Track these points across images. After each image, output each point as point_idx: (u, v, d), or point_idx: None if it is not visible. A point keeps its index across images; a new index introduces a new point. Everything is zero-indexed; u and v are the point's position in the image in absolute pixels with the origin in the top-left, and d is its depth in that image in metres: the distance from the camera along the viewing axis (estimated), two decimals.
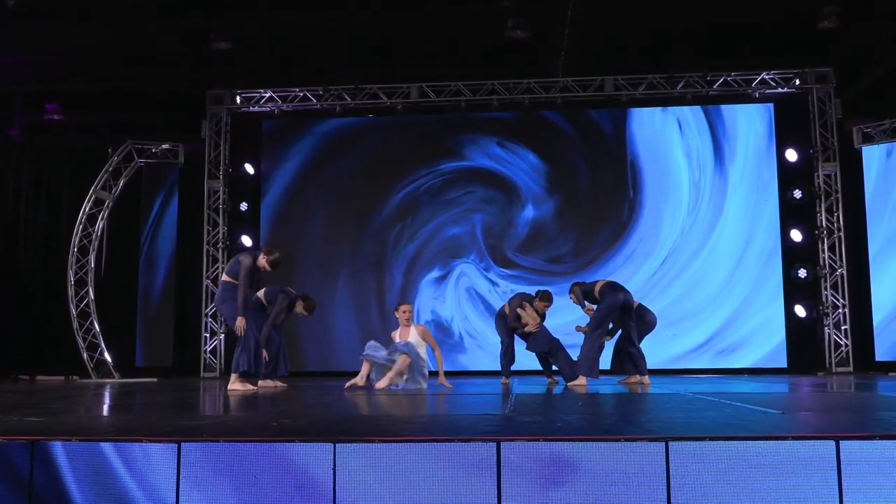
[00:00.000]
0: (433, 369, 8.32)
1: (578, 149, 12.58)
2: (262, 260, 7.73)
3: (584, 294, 8.38)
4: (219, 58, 11.44)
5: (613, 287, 8.29)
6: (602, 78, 12.26)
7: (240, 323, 7.49)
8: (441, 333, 12.23)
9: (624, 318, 8.42)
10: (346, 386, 7.83)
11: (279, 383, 8.44)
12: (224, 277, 7.79)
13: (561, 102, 12.40)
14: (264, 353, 7.93)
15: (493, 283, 12.37)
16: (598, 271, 12.02)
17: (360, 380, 7.84)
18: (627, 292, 8.28)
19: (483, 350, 12.20)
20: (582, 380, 8.06)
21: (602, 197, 12.49)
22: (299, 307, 8.59)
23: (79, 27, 10.69)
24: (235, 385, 7.54)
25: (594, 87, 12.31)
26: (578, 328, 8.45)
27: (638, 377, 8.38)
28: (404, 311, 8.19)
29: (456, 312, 12.43)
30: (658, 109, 12.54)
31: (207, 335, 12.41)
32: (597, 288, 8.32)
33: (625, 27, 10.97)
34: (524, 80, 12.35)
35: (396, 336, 8.14)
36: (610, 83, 12.26)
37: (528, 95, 12.37)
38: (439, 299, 12.48)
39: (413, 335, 7.97)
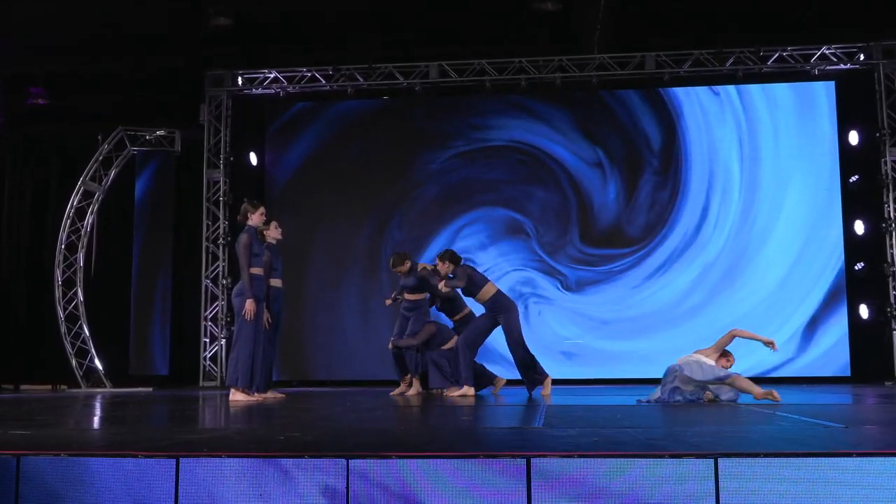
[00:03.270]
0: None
1: (616, 132, 12.52)
2: (256, 218, 7.65)
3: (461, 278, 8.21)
4: (218, 36, 11.49)
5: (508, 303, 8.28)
6: (642, 54, 12.19)
7: (249, 306, 7.45)
8: None
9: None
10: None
11: (278, 395, 8.39)
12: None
13: (597, 82, 12.34)
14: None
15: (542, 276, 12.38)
16: (641, 266, 12.05)
17: None
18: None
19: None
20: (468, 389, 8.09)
21: (644, 185, 12.41)
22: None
23: (64, 2, 10.78)
24: (237, 396, 7.55)
25: (633, 64, 12.24)
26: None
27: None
28: None
29: None
30: (705, 89, 12.46)
31: (207, 340, 12.47)
32: (487, 290, 8.20)
33: None
34: (555, 56, 12.30)
35: None
36: (651, 60, 12.18)
37: (559, 74, 12.32)
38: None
39: None
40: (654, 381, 11.13)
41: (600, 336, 12.12)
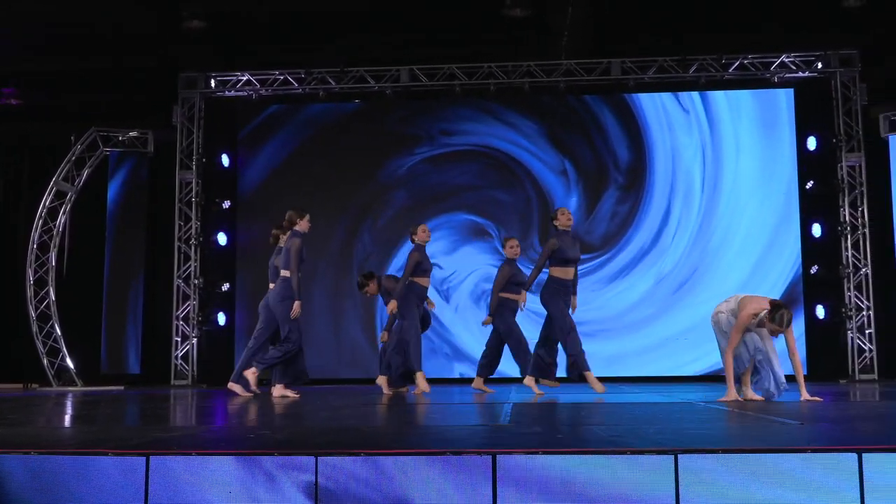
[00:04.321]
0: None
1: (581, 136, 12.59)
2: (304, 224, 7.93)
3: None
4: (192, 38, 11.41)
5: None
6: (608, 61, 12.27)
7: (297, 308, 7.65)
8: (434, 333, 12.29)
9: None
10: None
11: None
12: (283, 272, 7.79)
13: (564, 87, 12.41)
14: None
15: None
16: (603, 267, 12.12)
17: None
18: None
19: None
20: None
21: (607, 179, 12.50)
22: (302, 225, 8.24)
23: (37, 2, 10.65)
24: (286, 392, 7.79)
25: (600, 70, 12.32)
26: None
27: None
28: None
29: (458, 313, 12.43)
30: (668, 95, 12.57)
31: (179, 339, 12.39)
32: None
33: (633, 5, 10.98)
34: (524, 62, 12.35)
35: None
36: (617, 66, 12.27)
37: (528, 79, 12.37)
38: (442, 286, 12.48)
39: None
40: (619, 380, 11.30)
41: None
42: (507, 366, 12.25)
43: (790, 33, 11.81)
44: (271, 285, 8.25)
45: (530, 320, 9.39)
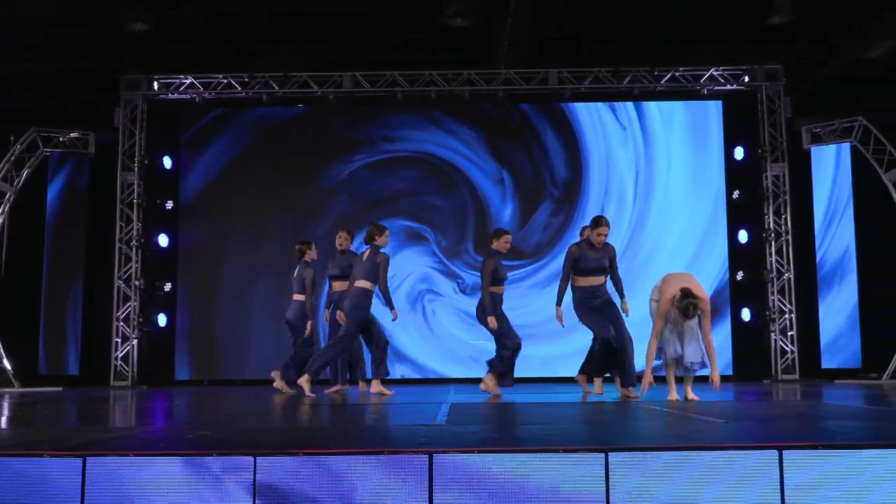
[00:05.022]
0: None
1: (521, 147, 12.67)
2: (383, 240, 8.24)
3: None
4: (135, 39, 11.20)
5: None
6: (546, 71, 12.38)
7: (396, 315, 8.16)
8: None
9: None
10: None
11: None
12: (359, 283, 8.03)
13: (503, 95, 12.49)
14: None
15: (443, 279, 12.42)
16: (537, 273, 12.22)
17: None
18: None
19: (426, 355, 12.25)
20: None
21: (543, 192, 12.60)
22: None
23: None
24: (381, 388, 8.06)
25: (538, 79, 12.43)
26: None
27: None
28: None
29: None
30: (607, 110, 12.72)
31: (119, 340, 12.15)
32: None
33: (570, 18, 11.08)
34: (464, 70, 12.40)
35: None
36: (554, 76, 12.39)
37: (468, 87, 12.42)
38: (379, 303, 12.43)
39: None
40: (554, 381, 11.40)
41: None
42: (445, 366, 12.34)
43: (719, 48, 12.04)
44: (295, 296, 8.90)
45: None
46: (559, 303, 7.65)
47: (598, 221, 7.41)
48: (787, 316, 12.08)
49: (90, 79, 12.41)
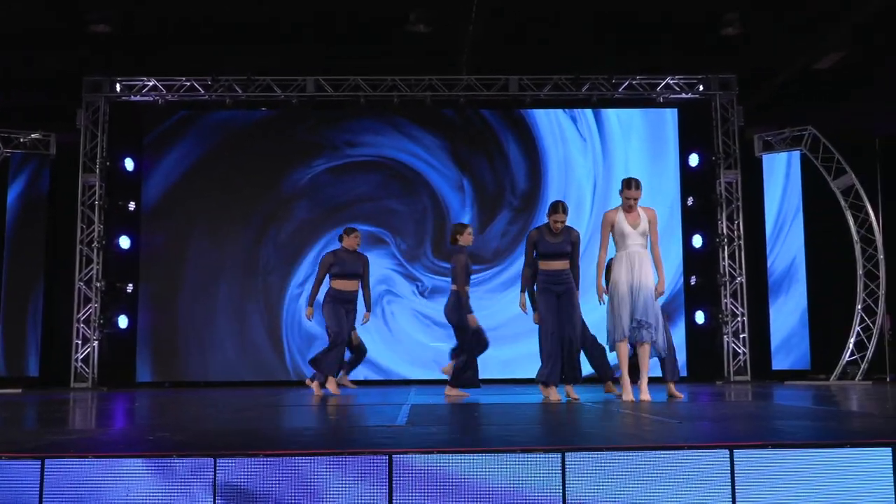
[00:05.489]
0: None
1: (482, 155, 12.70)
2: (465, 238, 8.13)
3: None
4: (97, 41, 11.04)
5: None
6: (506, 77, 12.43)
7: (472, 320, 7.90)
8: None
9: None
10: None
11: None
12: (453, 286, 8.03)
13: (464, 101, 12.51)
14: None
15: (403, 282, 12.40)
16: (496, 277, 12.26)
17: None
18: None
19: (387, 357, 12.22)
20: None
21: (502, 200, 12.64)
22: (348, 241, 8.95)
23: None
24: (454, 392, 7.91)
25: (498, 86, 12.47)
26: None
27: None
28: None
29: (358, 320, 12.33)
30: (562, 111, 12.81)
31: (79, 342, 11.95)
32: None
33: (530, 26, 11.14)
34: (426, 76, 12.40)
35: None
36: (514, 83, 12.44)
37: (429, 93, 12.43)
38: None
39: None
40: (514, 382, 11.44)
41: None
42: (405, 368, 12.32)
43: (675, 57, 12.18)
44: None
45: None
46: (523, 290, 7.42)
47: (555, 207, 7.12)
48: (739, 319, 12.24)
49: (52, 80, 12.22)
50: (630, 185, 6.99)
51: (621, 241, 6.93)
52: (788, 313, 12.22)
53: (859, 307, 11.42)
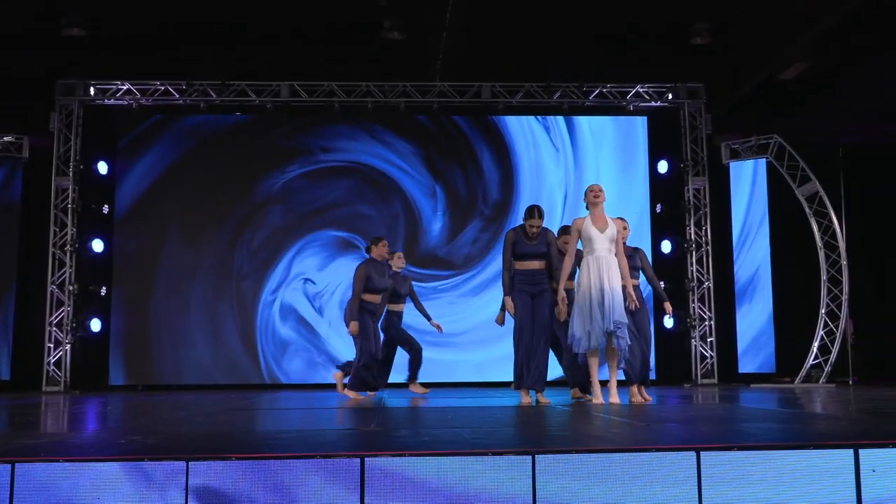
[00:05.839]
0: None
1: (456, 164, 12.71)
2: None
3: None
4: (71, 44, 10.92)
5: None
6: (479, 84, 12.46)
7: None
8: (309, 335, 12.21)
9: None
10: None
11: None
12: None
13: (437, 107, 12.52)
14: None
15: None
16: (466, 283, 12.28)
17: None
18: None
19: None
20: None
21: (474, 209, 12.65)
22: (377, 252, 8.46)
23: None
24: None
25: (471, 93, 12.49)
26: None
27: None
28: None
29: (332, 326, 12.31)
30: (534, 118, 12.86)
31: (51, 346, 11.80)
32: None
33: (503, 34, 11.17)
34: (400, 82, 12.40)
35: None
36: (487, 90, 12.47)
37: (403, 99, 12.42)
38: (315, 302, 12.35)
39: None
40: (484, 385, 11.45)
41: (431, 346, 12.25)
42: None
43: (645, 66, 12.27)
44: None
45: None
46: (506, 292, 7.20)
47: (531, 212, 7.05)
48: (706, 323, 12.34)
49: (25, 82, 12.07)
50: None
51: (588, 245, 6.90)
52: (755, 317, 12.34)
53: (823, 312, 11.56)
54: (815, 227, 11.64)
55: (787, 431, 4.04)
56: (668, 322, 12.42)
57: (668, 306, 7.72)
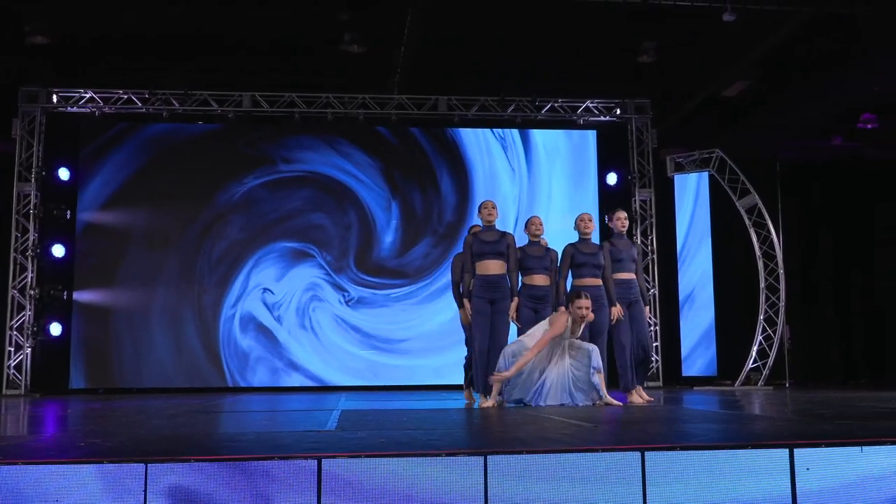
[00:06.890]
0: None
1: (413, 176, 12.71)
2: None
3: None
4: (35, 51, 10.72)
5: None
6: (436, 97, 12.49)
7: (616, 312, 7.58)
8: (270, 343, 12.11)
9: None
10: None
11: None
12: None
13: (395, 119, 12.52)
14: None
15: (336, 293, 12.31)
16: (419, 293, 12.29)
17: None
18: None
19: (317, 365, 12.11)
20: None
21: (428, 226, 12.64)
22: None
23: None
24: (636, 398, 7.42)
25: (428, 105, 12.51)
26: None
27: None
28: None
29: (291, 334, 12.21)
30: (488, 131, 12.91)
31: (12, 349, 11.54)
32: None
33: (459, 49, 11.21)
34: (359, 94, 12.38)
35: None
36: (444, 103, 12.50)
37: (363, 111, 12.40)
38: (274, 311, 12.25)
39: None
40: (441, 388, 11.43)
41: (385, 351, 12.23)
42: (335, 375, 12.23)
43: (595, 82, 12.40)
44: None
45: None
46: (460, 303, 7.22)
47: (484, 204, 7.16)
48: (652, 329, 12.48)
49: None
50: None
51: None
52: (698, 323, 12.52)
53: (761, 318, 11.76)
54: (754, 238, 11.84)
55: (727, 432, 4.09)
56: None
57: (615, 311, 7.77)
